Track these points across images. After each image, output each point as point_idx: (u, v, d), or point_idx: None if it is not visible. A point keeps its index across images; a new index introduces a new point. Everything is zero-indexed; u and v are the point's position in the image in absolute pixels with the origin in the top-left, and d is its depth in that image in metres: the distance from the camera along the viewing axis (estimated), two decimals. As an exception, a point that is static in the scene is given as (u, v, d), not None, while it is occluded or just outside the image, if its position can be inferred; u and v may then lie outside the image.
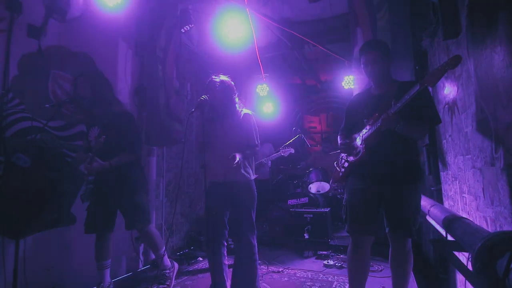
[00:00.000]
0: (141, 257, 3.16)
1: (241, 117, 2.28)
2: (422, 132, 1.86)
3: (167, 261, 2.59)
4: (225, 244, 2.30)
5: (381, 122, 1.68)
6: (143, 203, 2.43)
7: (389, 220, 1.84)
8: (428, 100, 1.77)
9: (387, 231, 1.86)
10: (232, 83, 2.32)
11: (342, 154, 2.06)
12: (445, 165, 2.42)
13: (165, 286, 2.51)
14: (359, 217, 1.85)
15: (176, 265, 2.71)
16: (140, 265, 3.18)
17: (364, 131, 1.86)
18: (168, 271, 2.56)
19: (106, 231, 2.36)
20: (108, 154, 2.24)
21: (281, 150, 4.04)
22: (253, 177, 2.32)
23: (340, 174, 2.02)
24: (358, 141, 1.90)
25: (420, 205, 1.85)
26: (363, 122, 1.88)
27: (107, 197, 2.33)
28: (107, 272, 2.37)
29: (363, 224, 1.84)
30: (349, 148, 1.95)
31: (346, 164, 1.99)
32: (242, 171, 2.24)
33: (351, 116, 2.06)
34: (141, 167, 2.57)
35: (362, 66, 1.94)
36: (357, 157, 1.87)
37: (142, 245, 3.17)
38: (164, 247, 2.58)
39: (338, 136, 2.13)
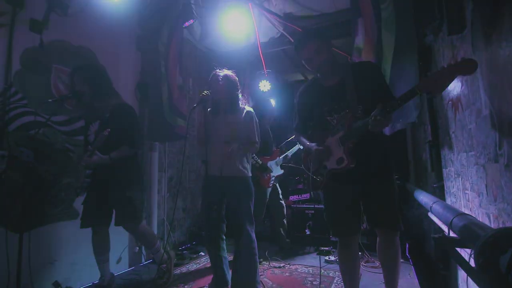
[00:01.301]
0: (143, 251, 3.18)
1: (243, 114, 2.28)
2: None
3: (164, 255, 2.56)
4: (224, 237, 2.31)
5: (371, 126, 1.52)
6: (136, 200, 2.32)
7: (373, 218, 1.78)
8: (382, 80, 1.70)
9: (371, 227, 1.80)
10: (236, 78, 2.29)
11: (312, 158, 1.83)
12: (447, 161, 2.41)
13: (164, 280, 2.52)
14: (341, 219, 1.80)
15: (172, 254, 2.69)
16: (143, 260, 3.20)
17: (336, 132, 1.71)
18: (164, 265, 2.55)
19: (103, 225, 2.32)
20: (107, 148, 2.18)
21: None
22: (250, 173, 2.32)
23: (320, 183, 1.82)
24: (332, 143, 1.73)
25: (397, 195, 1.77)
26: (324, 120, 1.75)
27: (103, 191, 2.26)
28: (107, 266, 2.37)
29: (346, 225, 1.80)
30: (326, 153, 1.74)
31: (322, 171, 1.80)
32: (240, 166, 2.23)
33: (305, 111, 1.90)
34: (138, 162, 2.49)
35: (304, 62, 1.76)
36: (342, 166, 1.69)
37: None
38: (159, 242, 2.57)
39: (301, 137, 1.93)
